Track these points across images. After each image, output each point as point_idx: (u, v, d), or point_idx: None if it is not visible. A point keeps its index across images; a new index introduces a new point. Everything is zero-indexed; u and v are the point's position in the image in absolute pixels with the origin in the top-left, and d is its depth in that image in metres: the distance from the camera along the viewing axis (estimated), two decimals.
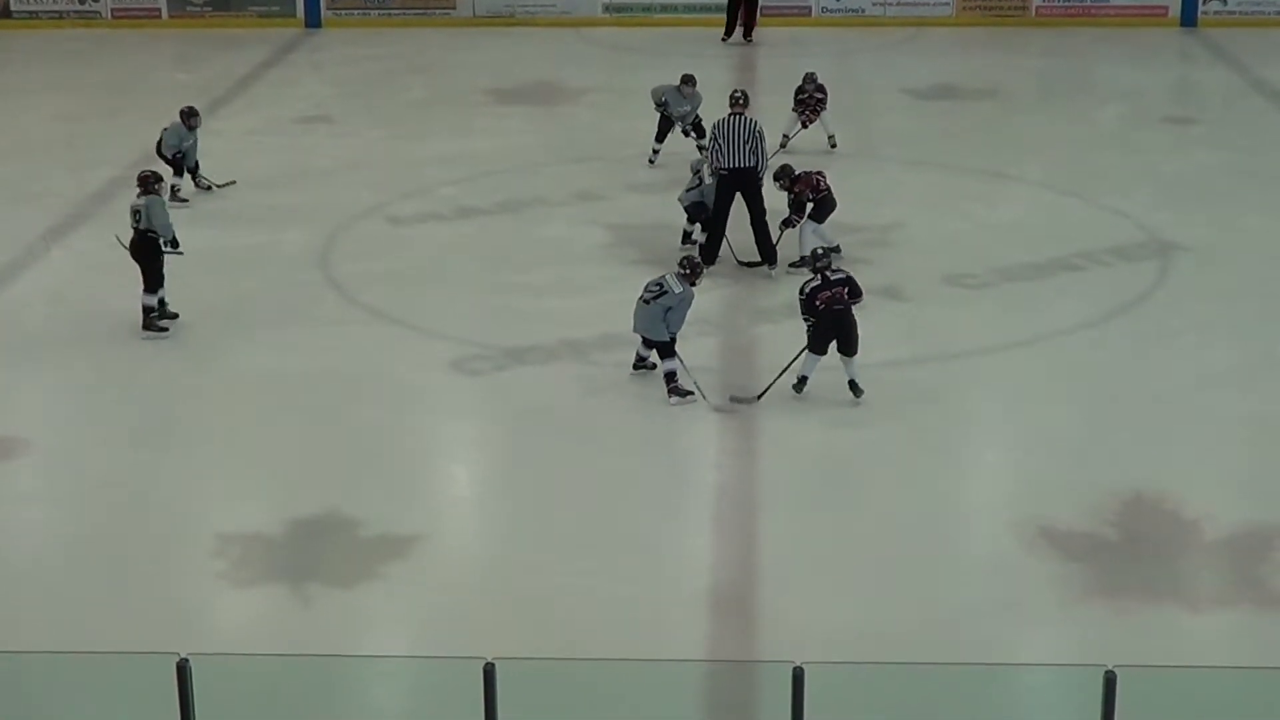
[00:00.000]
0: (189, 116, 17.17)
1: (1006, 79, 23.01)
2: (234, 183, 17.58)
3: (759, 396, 12.42)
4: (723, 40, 24.52)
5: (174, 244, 13.99)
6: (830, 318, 12.39)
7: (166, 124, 17.22)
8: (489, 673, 7.44)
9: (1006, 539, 10.58)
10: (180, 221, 16.66)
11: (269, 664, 8.71)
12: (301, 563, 10.41)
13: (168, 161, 16.95)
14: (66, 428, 12.60)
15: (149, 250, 13.89)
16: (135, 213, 13.86)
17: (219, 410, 12.68)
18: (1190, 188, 17.91)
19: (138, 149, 17.41)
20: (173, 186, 16.88)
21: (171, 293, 14.07)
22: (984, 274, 15.15)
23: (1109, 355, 13.47)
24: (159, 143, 17.15)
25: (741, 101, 15.43)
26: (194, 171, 17.35)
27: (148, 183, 14.01)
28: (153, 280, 13.95)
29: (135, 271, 13.91)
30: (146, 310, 13.96)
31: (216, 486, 11.64)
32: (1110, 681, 7.32)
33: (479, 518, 11.51)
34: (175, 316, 14.08)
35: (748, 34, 24.48)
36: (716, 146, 14.98)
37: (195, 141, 17.27)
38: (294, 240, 16.31)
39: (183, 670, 7.52)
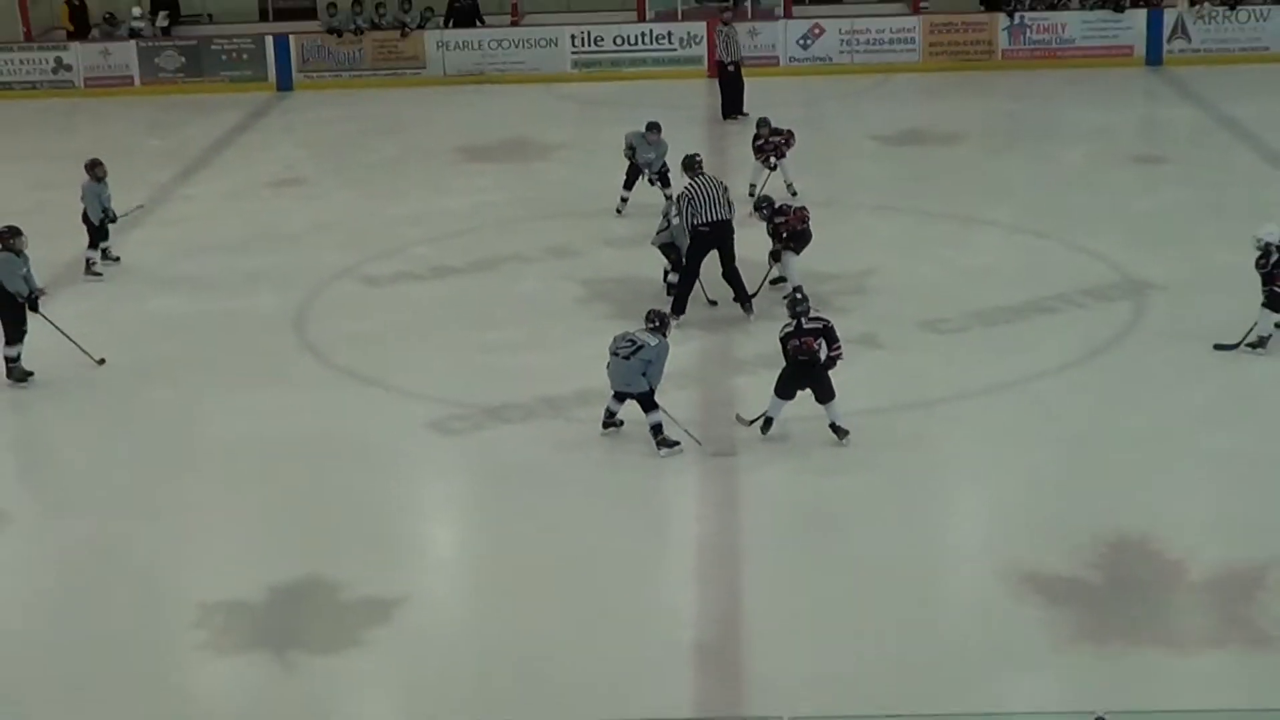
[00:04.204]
0: (94, 168, 17.04)
1: (974, 123, 23.14)
2: (141, 206, 17.40)
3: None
4: (724, 119, 23.15)
5: (33, 302, 14.18)
6: (795, 367, 12.45)
7: (80, 187, 16.99)
8: None
9: (991, 585, 10.56)
10: (155, 286, 16.80)
11: None
12: (284, 630, 10.33)
13: (97, 227, 16.94)
14: (44, 496, 12.52)
15: (5, 305, 14.11)
16: None
17: (197, 475, 12.62)
18: (1161, 226, 17.99)
19: None
20: (104, 250, 17.09)
21: (146, 357, 14.07)
22: (959, 318, 15.18)
23: (1087, 396, 13.49)
24: (84, 212, 16.91)
25: (699, 164, 15.61)
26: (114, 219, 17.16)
27: (3, 239, 14.16)
28: (12, 334, 14.21)
29: (114, 339, 13.90)
30: (7, 360, 14.24)
31: (196, 553, 11.56)
32: None
33: (461, 579, 11.45)
34: (30, 374, 14.23)
35: (739, 109, 23.22)
36: (693, 207, 15.04)
37: (108, 191, 17.11)
38: (268, 303, 16.27)
39: None
